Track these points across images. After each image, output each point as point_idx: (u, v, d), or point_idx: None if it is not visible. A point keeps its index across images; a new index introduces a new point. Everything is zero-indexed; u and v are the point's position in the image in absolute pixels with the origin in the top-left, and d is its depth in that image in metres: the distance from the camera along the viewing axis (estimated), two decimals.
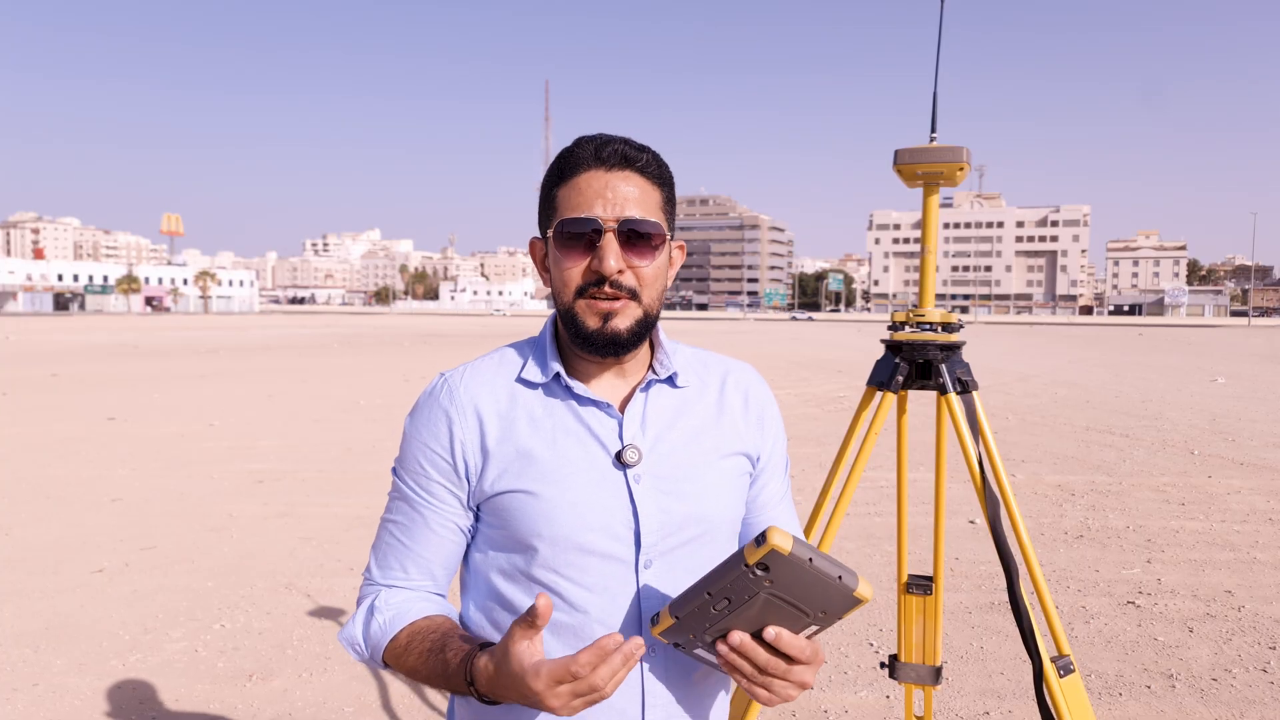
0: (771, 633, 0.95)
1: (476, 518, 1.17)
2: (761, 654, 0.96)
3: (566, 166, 1.12)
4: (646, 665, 1.11)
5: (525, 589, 1.12)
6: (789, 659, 0.97)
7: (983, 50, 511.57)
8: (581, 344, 1.12)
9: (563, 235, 1.10)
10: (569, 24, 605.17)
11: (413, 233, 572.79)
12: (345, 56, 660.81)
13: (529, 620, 0.92)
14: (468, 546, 1.20)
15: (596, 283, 1.09)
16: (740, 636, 0.96)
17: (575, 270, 1.10)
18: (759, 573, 0.90)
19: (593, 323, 1.10)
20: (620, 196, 1.09)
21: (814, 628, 0.97)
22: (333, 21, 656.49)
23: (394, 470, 1.19)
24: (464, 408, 1.14)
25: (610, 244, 1.08)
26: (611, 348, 1.11)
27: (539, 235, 1.19)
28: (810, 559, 0.89)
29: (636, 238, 1.10)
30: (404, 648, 1.10)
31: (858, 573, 0.92)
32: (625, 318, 1.10)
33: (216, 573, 5.12)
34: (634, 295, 1.11)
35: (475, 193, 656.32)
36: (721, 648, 0.97)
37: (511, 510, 1.11)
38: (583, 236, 1.09)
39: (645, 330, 1.13)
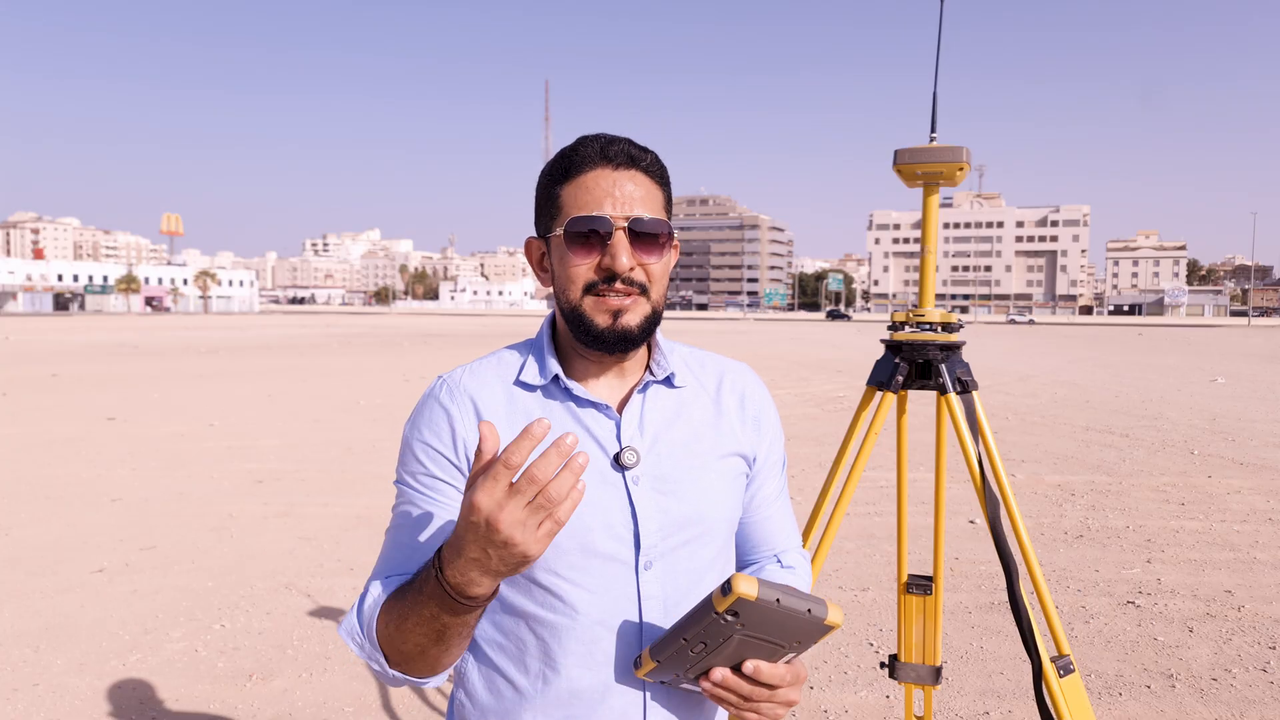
0: (750, 666, 1.00)
1: None
2: (744, 686, 1.01)
3: (571, 165, 1.11)
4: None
5: (526, 591, 1.11)
6: (771, 686, 1.01)
7: (983, 50, 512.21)
8: (590, 342, 1.12)
9: (573, 233, 1.10)
10: (569, 24, 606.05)
11: (413, 233, 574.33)
12: (345, 56, 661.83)
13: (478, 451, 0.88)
14: None
15: (606, 280, 1.10)
16: (721, 673, 1.00)
17: (584, 267, 1.10)
18: (729, 618, 0.93)
19: (603, 320, 1.10)
20: (628, 195, 1.10)
21: (791, 654, 1.01)
22: (333, 21, 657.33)
23: (397, 481, 1.17)
24: (464, 405, 1.14)
25: (621, 241, 1.09)
26: (623, 344, 1.11)
27: (535, 235, 1.18)
28: (778, 599, 0.92)
29: (646, 236, 1.10)
30: (394, 600, 1.03)
31: (826, 601, 0.95)
32: (635, 314, 1.11)
33: (216, 573, 5.12)
34: (644, 291, 1.11)
35: (475, 193, 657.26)
36: (705, 684, 1.01)
37: None
38: (593, 234, 1.09)
39: (653, 326, 1.14)
